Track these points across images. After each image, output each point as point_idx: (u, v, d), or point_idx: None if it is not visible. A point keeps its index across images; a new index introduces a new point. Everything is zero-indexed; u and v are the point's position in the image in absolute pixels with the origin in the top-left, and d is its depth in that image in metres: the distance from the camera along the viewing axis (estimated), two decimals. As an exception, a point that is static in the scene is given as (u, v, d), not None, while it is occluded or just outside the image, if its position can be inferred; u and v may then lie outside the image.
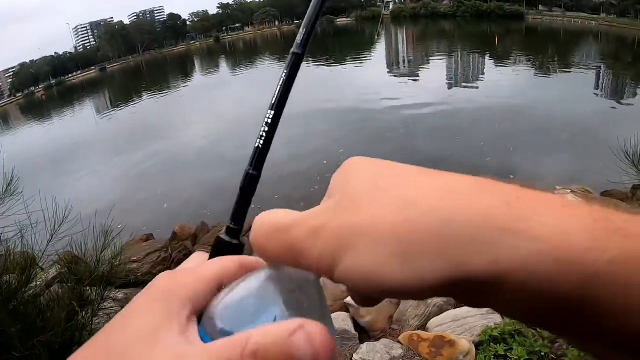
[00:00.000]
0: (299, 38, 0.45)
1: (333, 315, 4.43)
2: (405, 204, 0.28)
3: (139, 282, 5.84)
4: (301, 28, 0.45)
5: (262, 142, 0.44)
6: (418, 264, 0.26)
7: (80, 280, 1.83)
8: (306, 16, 0.46)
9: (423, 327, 4.00)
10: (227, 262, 0.38)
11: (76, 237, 2.05)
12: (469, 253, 0.25)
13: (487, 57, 29.00)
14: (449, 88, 18.43)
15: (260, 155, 0.44)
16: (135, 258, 6.16)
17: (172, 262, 6.68)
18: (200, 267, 0.38)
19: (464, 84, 19.32)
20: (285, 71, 0.44)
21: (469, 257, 0.24)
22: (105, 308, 1.96)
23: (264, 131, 0.44)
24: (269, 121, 0.44)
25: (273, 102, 0.44)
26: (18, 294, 1.66)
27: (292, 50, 0.45)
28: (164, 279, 0.37)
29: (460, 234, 0.25)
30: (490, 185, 0.28)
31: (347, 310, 4.48)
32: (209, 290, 0.36)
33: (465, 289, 0.26)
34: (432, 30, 55.86)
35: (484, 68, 24.62)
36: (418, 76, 23.11)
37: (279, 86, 0.44)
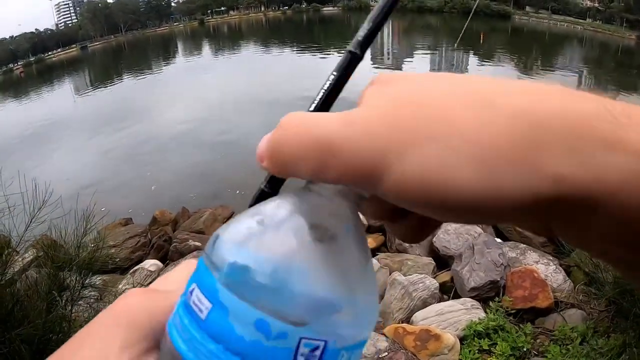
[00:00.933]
0: (361, 34, 0.33)
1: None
2: (482, 102, 0.22)
3: (117, 268, 5.74)
4: (366, 22, 0.34)
5: None
6: (500, 172, 0.20)
7: (59, 267, 1.73)
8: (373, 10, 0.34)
9: (407, 320, 4.00)
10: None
11: (56, 222, 1.95)
12: (568, 165, 0.20)
13: (471, 54, 29.14)
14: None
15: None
16: (113, 243, 6.04)
17: (151, 247, 6.57)
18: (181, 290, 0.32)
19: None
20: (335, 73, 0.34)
21: (569, 171, 0.20)
22: (85, 296, 1.88)
23: None
24: None
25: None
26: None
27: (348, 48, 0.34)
28: (134, 298, 0.32)
29: (556, 142, 0.20)
30: (578, 92, 0.22)
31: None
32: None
33: (554, 209, 0.21)
34: (418, 24, 55.96)
35: (468, 65, 24.76)
36: (401, 69, 23.16)
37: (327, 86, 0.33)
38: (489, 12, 60.32)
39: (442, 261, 4.95)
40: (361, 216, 0.31)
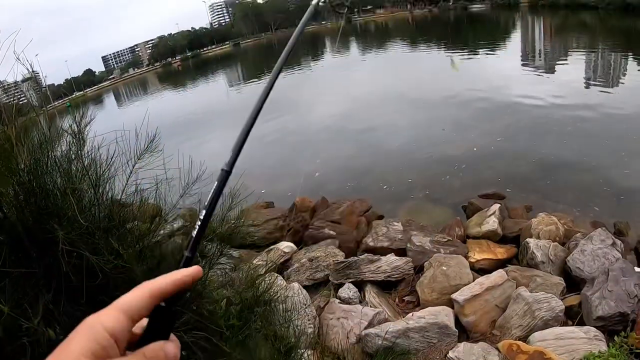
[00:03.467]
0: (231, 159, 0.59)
1: (437, 308, 4.37)
2: None
3: (254, 245, 6.15)
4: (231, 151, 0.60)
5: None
6: None
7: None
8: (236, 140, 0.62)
9: (524, 338, 3.83)
10: (137, 294, 0.49)
11: (206, 196, 2.17)
12: None
13: (630, 58, 25.61)
14: (586, 87, 16.85)
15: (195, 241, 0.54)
16: (254, 222, 6.47)
17: (288, 231, 6.90)
18: (116, 303, 0.48)
19: (601, 86, 17.46)
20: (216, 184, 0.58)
21: None
22: (221, 263, 2.11)
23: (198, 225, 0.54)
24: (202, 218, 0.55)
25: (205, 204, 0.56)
26: (145, 238, 1.83)
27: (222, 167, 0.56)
28: (88, 318, 0.46)
29: None
30: None
31: (452, 306, 4.40)
32: (126, 324, 0.47)
33: None
34: (572, 22, 51.25)
35: (626, 70, 21.88)
36: (554, 71, 21.41)
37: (209, 199, 0.56)
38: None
39: (574, 283, 4.65)
40: (496, 224, 0.33)
